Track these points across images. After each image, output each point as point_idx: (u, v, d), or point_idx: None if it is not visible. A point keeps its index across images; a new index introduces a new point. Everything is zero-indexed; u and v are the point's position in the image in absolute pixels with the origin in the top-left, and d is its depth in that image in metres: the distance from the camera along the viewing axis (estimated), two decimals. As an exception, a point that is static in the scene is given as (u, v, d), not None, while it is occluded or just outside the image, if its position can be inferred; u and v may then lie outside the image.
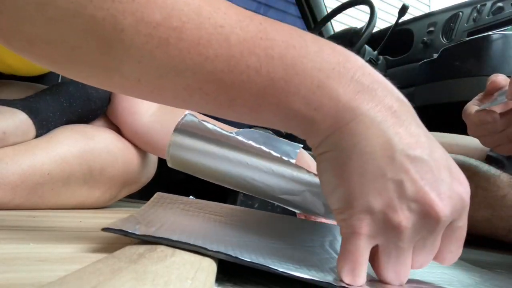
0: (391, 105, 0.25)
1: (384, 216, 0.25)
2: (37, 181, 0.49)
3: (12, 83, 0.62)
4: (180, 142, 0.34)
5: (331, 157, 0.26)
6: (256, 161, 0.34)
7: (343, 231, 0.26)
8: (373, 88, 0.25)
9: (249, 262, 0.25)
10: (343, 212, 0.26)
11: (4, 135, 0.48)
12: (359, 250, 0.25)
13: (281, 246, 0.33)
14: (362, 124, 0.25)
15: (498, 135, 0.51)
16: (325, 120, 0.25)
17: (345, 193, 0.25)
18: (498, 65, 0.92)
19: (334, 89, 0.25)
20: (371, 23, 1.28)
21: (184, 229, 0.31)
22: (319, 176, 0.28)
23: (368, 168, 0.25)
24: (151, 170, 0.69)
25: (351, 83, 0.25)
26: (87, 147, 0.55)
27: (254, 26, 0.25)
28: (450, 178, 0.26)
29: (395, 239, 0.25)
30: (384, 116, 0.25)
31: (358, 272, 0.25)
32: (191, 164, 0.35)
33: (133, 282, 0.17)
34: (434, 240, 0.26)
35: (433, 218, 0.25)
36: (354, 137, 0.25)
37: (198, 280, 0.19)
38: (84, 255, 0.26)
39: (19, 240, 0.29)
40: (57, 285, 0.16)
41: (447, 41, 1.22)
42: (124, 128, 0.63)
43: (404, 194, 0.25)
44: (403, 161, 0.25)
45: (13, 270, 0.21)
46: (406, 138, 0.25)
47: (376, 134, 0.25)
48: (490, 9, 1.14)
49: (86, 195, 0.57)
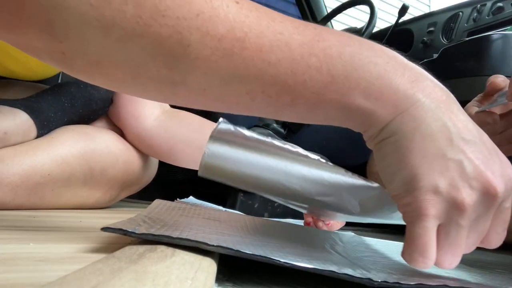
0: (440, 94, 0.28)
1: (448, 196, 0.26)
2: (37, 181, 0.49)
3: (13, 83, 0.62)
4: (216, 150, 0.34)
5: (393, 141, 0.27)
6: (294, 165, 0.33)
7: (407, 215, 0.27)
8: (423, 79, 0.28)
9: (250, 254, 0.25)
10: (407, 195, 0.27)
11: (5, 135, 0.48)
12: (428, 232, 0.26)
13: (281, 244, 0.33)
14: (420, 109, 0.27)
15: (497, 137, 0.51)
16: (386, 108, 0.27)
17: (409, 175, 0.27)
18: (498, 65, 0.92)
19: (392, 80, 0.27)
20: (371, 23, 1.27)
21: (184, 228, 0.31)
22: (379, 162, 0.29)
23: (430, 149, 0.26)
24: (152, 172, 0.69)
25: (405, 74, 0.27)
26: (88, 148, 0.55)
27: (309, 31, 0.27)
28: (499, 159, 0.28)
29: (457, 217, 0.26)
30: (437, 103, 0.27)
31: (430, 254, 0.26)
32: (226, 172, 0.35)
33: (133, 282, 0.17)
34: (487, 219, 0.28)
35: (491, 194, 0.26)
36: (414, 121, 0.27)
37: (198, 280, 0.19)
38: (84, 255, 0.26)
39: (19, 240, 0.29)
40: (57, 285, 0.16)
41: (447, 41, 1.22)
42: (127, 131, 0.63)
43: (464, 172, 0.26)
44: (459, 143, 0.27)
45: (13, 270, 0.21)
46: (458, 123, 0.27)
47: (433, 118, 0.27)
48: (490, 9, 1.14)
49: (86, 196, 0.57)
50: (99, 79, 0.28)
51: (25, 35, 0.25)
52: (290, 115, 0.29)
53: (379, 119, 0.27)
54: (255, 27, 0.26)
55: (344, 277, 0.24)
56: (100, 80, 0.28)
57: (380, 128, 0.28)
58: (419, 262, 0.26)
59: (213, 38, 0.25)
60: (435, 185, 0.26)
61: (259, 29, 0.26)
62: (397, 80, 0.27)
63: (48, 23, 0.24)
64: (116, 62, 0.26)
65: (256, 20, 0.26)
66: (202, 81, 0.27)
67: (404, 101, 0.27)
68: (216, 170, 0.35)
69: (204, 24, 0.25)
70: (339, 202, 0.35)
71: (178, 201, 0.66)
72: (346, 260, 0.32)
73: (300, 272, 0.25)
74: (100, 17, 0.24)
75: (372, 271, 0.28)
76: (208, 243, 0.25)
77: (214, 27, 0.25)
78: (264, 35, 0.26)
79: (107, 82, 0.28)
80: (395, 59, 0.28)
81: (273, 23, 0.26)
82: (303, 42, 0.27)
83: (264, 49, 0.26)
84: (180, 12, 0.24)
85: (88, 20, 0.24)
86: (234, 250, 0.25)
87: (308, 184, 0.34)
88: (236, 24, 0.25)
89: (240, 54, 0.26)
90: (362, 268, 0.29)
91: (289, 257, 0.26)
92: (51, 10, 0.23)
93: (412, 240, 0.27)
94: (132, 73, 0.26)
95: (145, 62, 0.26)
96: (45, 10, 0.23)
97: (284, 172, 0.34)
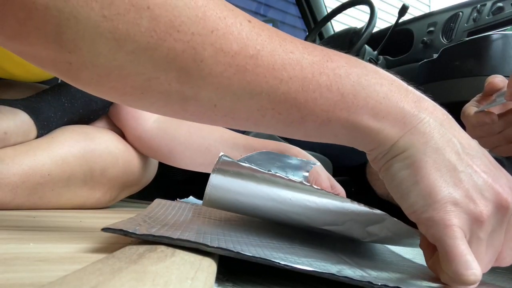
0: (441, 113, 0.29)
1: (467, 207, 0.26)
2: (37, 181, 0.49)
3: (13, 83, 0.62)
4: (219, 182, 0.34)
5: (404, 157, 0.28)
6: (299, 196, 0.34)
7: (432, 232, 0.27)
8: (424, 100, 0.29)
9: (250, 256, 0.25)
10: (427, 209, 0.27)
11: (5, 135, 0.48)
12: (461, 240, 0.26)
13: (281, 245, 0.33)
14: (427, 126, 0.28)
15: (496, 137, 0.51)
16: (394, 126, 0.28)
17: (426, 188, 0.27)
18: (498, 65, 0.92)
19: (398, 99, 0.28)
20: (371, 23, 1.28)
21: (185, 229, 0.31)
22: (390, 182, 0.29)
23: (442, 163, 0.27)
24: (152, 172, 0.69)
25: (408, 95, 0.29)
26: (88, 148, 0.55)
27: (318, 52, 0.28)
28: (503, 173, 0.28)
29: (476, 229, 0.26)
30: (441, 121, 0.28)
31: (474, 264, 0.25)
32: (230, 204, 0.35)
33: (133, 282, 0.17)
34: (500, 233, 0.28)
35: (503, 206, 0.27)
36: (424, 136, 0.28)
37: (198, 280, 0.19)
38: (84, 255, 0.26)
39: (19, 240, 0.29)
40: (57, 285, 0.16)
41: (447, 41, 1.22)
42: (127, 132, 0.63)
43: (476, 184, 0.27)
44: (465, 157, 0.28)
45: (13, 270, 0.21)
46: (461, 139, 0.28)
47: (440, 134, 0.28)
48: (490, 9, 1.14)
49: (86, 196, 0.57)
50: (106, 92, 0.28)
51: (31, 44, 0.25)
52: (299, 132, 0.30)
53: (387, 137, 0.28)
54: (267, 45, 0.26)
55: (344, 279, 0.24)
56: (107, 93, 0.28)
57: (389, 146, 0.28)
58: (468, 276, 0.25)
59: (227, 54, 0.25)
60: (453, 197, 0.26)
61: (271, 47, 0.26)
62: (402, 100, 0.28)
63: (57, 33, 0.24)
64: (126, 75, 0.26)
65: (268, 39, 0.27)
66: (213, 97, 0.27)
67: (411, 119, 0.28)
68: (220, 202, 0.35)
69: (218, 40, 0.25)
70: (345, 231, 0.35)
71: (178, 201, 0.66)
72: (346, 261, 0.32)
73: (300, 272, 0.25)
74: (113, 29, 0.24)
75: (372, 273, 0.28)
76: (208, 245, 0.25)
77: (228, 44, 0.25)
78: (276, 53, 0.27)
79: (115, 95, 0.28)
80: (397, 81, 0.29)
81: (284, 42, 0.27)
82: (313, 62, 0.27)
83: (276, 67, 0.26)
84: (195, 28, 0.25)
85: (101, 31, 0.23)
86: (235, 252, 0.25)
87: (314, 215, 0.34)
88: (249, 41, 0.26)
89: (253, 71, 0.26)
90: (362, 269, 0.29)
91: (290, 259, 0.26)
92: (62, 21, 0.23)
93: (449, 256, 0.26)
94: (142, 87, 0.26)
95: (157, 76, 0.26)
96: (55, 20, 0.23)
97: (289, 204, 0.34)
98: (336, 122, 0.28)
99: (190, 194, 0.73)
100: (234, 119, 0.29)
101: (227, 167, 0.34)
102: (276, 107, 0.28)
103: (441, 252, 0.26)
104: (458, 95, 0.96)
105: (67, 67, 0.25)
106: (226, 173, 0.34)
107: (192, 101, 0.27)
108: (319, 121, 0.28)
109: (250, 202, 0.34)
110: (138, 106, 0.29)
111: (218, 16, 0.25)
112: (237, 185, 0.34)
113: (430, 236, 0.27)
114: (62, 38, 0.24)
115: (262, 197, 0.34)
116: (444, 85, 1.01)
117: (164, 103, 0.28)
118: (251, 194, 0.34)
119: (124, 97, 0.28)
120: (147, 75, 0.26)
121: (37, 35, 0.24)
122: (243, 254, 0.25)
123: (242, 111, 0.28)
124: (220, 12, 0.25)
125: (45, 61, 0.26)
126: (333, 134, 0.29)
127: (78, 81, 0.27)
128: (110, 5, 0.23)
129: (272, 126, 0.29)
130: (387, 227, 0.34)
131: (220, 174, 0.34)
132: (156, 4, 0.24)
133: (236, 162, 0.34)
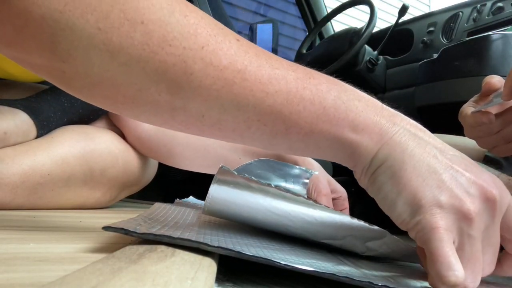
0: (415, 124, 0.31)
1: (453, 207, 0.26)
2: (37, 181, 0.49)
3: (13, 83, 0.62)
4: (219, 193, 0.34)
5: (386, 168, 0.29)
6: (298, 211, 0.34)
7: (420, 237, 0.27)
8: (397, 115, 0.31)
9: (251, 256, 0.25)
10: (414, 216, 0.27)
11: (5, 135, 0.48)
12: (446, 242, 0.26)
13: (281, 247, 0.33)
14: (403, 135, 0.29)
15: (494, 137, 0.51)
16: (372, 138, 0.29)
17: (410, 195, 0.27)
18: (498, 65, 0.92)
19: (374, 114, 0.30)
20: (371, 23, 1.27)
21: (185, 229, 0.31)
22: (377, 195, 0.30)
23: (422, 168, 0.28)
24: (152, 172, 0.69)
25: (383, 111, 0.30)
26: (88, 148, 0.55)
27: (301, 70, 0.30)
28: (482, 170, 0.29)
29: (467, 228, 0.26)
30: (415, 130, 0.30)
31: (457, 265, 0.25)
32: (229, 214, 0.35)
33: (133, 282, 0.17)
34: (495, 229, 0.28)
35: (491, 200, 0.27)
36: (401, 145, 0.29)
37: (198, 280, 0.19)
38: (84, 255, 0.26)
39: (19, 240, 0.29)
40: (57, 285, 0.16)
41: (447, 41, 1.22)
42: (127, 132, 0.63)
43: (459, 183, 0.27)
44: (444, 159, 0.28)
45: (13, 270, 0.21)
46: (437, 144, 0.29)
47: (416, 142, 0.29)
48: (490, 9, 1.14)
49: (86, 196, 0.57)
50: (98, 100, 0.28)
51: (27, 52, 0.25)
52: (283, 144, 0.30)
53: (367, 149, 0.29)
54: (254, 62, 0.28)
55: (344, 280, 0.24)
56: (99, 101, 0.28)
57: (370, 159, 0.29)
58: (449, 277, 0.25)
59: (216, 68, 0.27)
60: (438, 200, 0.26)
61: (258, 63, 0.28)
62: (378, 114, 0.30)
63: (52, 43, 0.24)
64: (118, 85, 0.26)
65: (255, 56, 0.28)
66: (202, 108, 0.28)
67: (387, 131, 0.29)
68: (220, 212, 0.36)
69: (208, 55, 0.26)
70: (345, 245, 0.35)
71: (178, 201, 0.66)
72: (346, 263, 0.32)
73: (300, 273, 0.25)
74: (108, 41, 0.24)
75: (373, 274, 0.28)
76: (209, 244, 0.25)
77: (217, 59, 0.27)
78: (263, 68, 0.28)
79: (106, 103, 0.28)
80: (373, 100, 0.31)
81: (270, 60, 0.29)
82: (297, 77, 0.29)
83: (262, 81, 0.28)
84: (187, 43, 0.26)
85: (95, 43, 0.24)
86: (235, 252, 0.25)
87: (313, 229, 0.35)
88: (238, 57, 0.27)
89: (240, 84, 0.27)
90: (362, 270, 0.29)
91: (290, 260, 0.26)
92: (58, 31, 0.24)
93: (433, 257, 0.26)
94: (133, 97, 0.27)
95: (147, 87, 0.26)
96: (51, 30, 0.24)
97: (288, 218, 0.34)
98: (319, 134, 0.29)
99: (190, 194, 0.73)
100: (221, 130, 0.30)
101: (227, 178, 0.34)
102: (261, 119, 0.29)
103: (427, 254, 0.26)
104: (458, 95, 0.96)
105: (60, 75, 0.26)
106: (226, 184, 0.34)
107: (181, 111, 0.28)
108: (302, 132, 0.29)
109: (250, 215, 0.35)
110: (129, 114, 0.30)
111: (208, 33, 0.27)
112: (237, 197, 0.34)
113: (419, 240, 0.27)
114: (57, 48, 0.24)
115: (261, 210, 0.34)
116: (444, 85, 1.01)
117: (154, 112, 0.28)
118: (251, 206, 0.34)
119: (116, 106, 0.28)
120: (138, 85, 0.26)
121: (32, 43, 0.24)
122: (243, 253, 0.25)
123: (229, 122, 0.29)
124: (210, 30, 0.27)
125: (40, 68, 0.26)
126: (316, 146, 0.30)
127: (71, 89, 0.28)
128: (106, 19, 0.24)
129: (258, 138, 0.30)
130: (386, 243, 0.34)
131: (220, 185, 0.34)
132: (150, 20, 0.25)
133: (236, 175, 0.34)
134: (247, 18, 2.33)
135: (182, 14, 0.26)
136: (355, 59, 1.29)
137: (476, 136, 0.53)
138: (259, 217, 0.35)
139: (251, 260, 0.25)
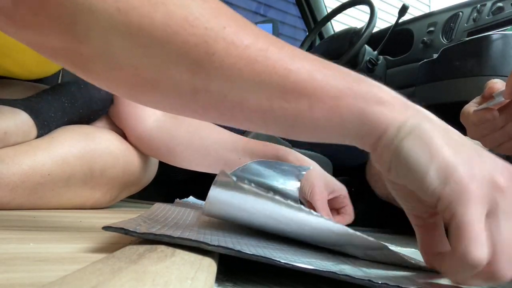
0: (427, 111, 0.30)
1: (484, 179, 0.26)
2: (37, 181, 0.49)
3: (13, 83, 0.62)
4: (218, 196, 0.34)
5: (415, 136, 0.28)
6: (297, 220, 0.34)
7: (451, 205, 0.25)
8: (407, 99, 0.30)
9: (251, 255, 0.25)
10: (446, 183, 0.26)
11: (5, 135, 0.48)
12: (477, 217, 0.24)
13: (281, 247, 0.33)
14: (425, 112, 0.29)
15: (498, 133, 0.51)
16: (397, 109, 0.29)
17: (443, 162, 0.26)
18: (498, 65, 0.92)
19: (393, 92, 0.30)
20: (371, 23, 1.27)
21: (185, 228, 0.31)
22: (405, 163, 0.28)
23: (451, 140, 0.27)
24: (152, 172, 0.69)
25: (396, 95, 0.30)
26: (88, 148, 0.55)
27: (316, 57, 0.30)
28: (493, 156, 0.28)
29: (501, 201, 0.25)
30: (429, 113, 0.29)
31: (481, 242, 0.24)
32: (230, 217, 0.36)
33: (133, 282, 0.17)
34: None
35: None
36: (427, 118, 0.29)
37: (198, 280, 0.19)
38: (84, 255, 0.26)
39: (19, 240, 0.29)
40: (57, 285, 0.16)
41: (447, 41, 1.22)
42: (127, 132, 0.63)
43: (484, 162, 0.27)
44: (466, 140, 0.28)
45: (13, 270, 0.21)
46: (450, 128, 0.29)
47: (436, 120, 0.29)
48: (490, 9, 1.14)
49: (86, 196, 0.57)
50: (116, 84, 0.28)
51: (44, 34, 0.25)
52: (306, 124, 0.29)
53: (394, 119, 0.29)
54: (275, 43, 0.28)
55: (345, 278, 0.24)
56: (117, 85, 0.28)
57: (396, 128, 0.28)
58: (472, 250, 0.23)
59: (238, 48, 0.26)
60: (471, 170, 0.26)
61: (280, 44, 0.28)
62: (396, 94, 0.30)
63: (70, 24, 0.24)
64: (137, 67, 0.26)
65: (275, 39, 0.28)
66: (224, 88, 0.28)
67: (410, 105, 0.29)
68: (219, 214, 0.36)
69: (230, 35, 0.26)
70: (344, 250, 0.35)
71: (178, 201, 0.66)
72: (346, 262, 0.32)
73: (300, 272, 0.25)
74: (128, 22, 0.24)
75: (373, 272, 0.28)
76: (209, 243, 0.25)
77: (239, 39, 0.27)
78: (284, 50, 0.28)
79: (125, 88, 0.28)
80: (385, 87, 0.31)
81: (287, 46, 0.29)
82: (316, 59, 0.29)
83: (285, 59, 0.28)
84: (209, 24, 0.26)
85: (114, 24, 0.24)
86: (235, 251, 0.25)
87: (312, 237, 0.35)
88: (259, 38, 0.27)
89: (263, 62, 0.27)
90: (362, 269, 0.29)
91: (290, 259, 0.26)
92: (76, 12, 0.23)
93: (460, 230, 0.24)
94: (152, 80, 0.27)
95: (168, 68, 0.26)
96: (69, 11, 0.23)
97: (287, 226, 0.34)
98: (344, 109, 0.29)
99: (190, 194, 0.73)
100: (242, 111, 0.29)
101: (227, 182, 0.34)
102: (285, 96, 0.28)
103: (454, 228, 0.25)
104: (458, 95, 0.96)
105: (78, 58, 0.26)
106: (226, 188, 0.34)
107: (203, 92, 0.28)
108: (327, 108, 0.29)
109: (249, 218, 0.35)
110: (148, 100, 0.29)
111: (229, 16, 0.27)
112: (236, 202, 0.34)
113: (448, 212, 0.26)
114: (74, 29, 0.24)
115: (260, 217, 0.34)
116: (444, 85, 1.01)
117: (174, 95, 0.28)
118: (250, 211, 0.34)
119: (135, 90, 0.28)
120: (159, 67, 0.26)
121: (50, 25, 0.24)
122: (243, 252, 0.25)
123: (252, 102, 0.28)
124: (230, 14, 0.27)
125: (57, 52, 0.26)
126: (340, 123, 0.29)
127: (88, 73, 0.27)
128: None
129: (279, 119, 0.29)
130: (385, 254, 0.34)
131: (220, 188, 0.34)
132: (172, 1, 0.25)
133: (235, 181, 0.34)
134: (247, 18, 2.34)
135: None
136: (355, 59, 1.29)
137: (480, 135, 0.53)
138: (258, 222, 0.35)
139: (251, 259, 0.25)
